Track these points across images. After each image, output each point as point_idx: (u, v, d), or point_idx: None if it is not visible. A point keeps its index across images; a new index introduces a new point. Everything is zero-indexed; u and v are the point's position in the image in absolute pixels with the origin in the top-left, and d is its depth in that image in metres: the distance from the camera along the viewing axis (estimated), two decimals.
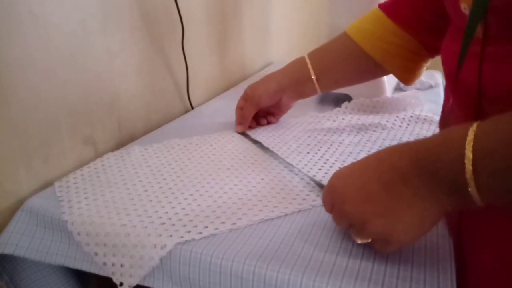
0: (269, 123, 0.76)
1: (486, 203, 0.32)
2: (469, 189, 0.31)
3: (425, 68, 0.64)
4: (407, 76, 0.63)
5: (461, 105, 0.42)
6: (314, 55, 0.68)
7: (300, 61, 0.69)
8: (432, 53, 0.61)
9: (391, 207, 0.36)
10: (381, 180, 0.37)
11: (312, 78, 0.67)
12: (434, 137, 0.36)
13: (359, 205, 0.38)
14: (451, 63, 0.44)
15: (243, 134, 0.72)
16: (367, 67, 0.65)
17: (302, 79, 0.68)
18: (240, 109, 0.73)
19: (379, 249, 0.39)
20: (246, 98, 0.72)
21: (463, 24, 0.40)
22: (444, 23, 0.50)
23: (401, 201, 0.36)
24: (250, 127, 0.74)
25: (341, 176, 0.41)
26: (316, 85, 0.68)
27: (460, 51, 0.39)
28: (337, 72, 0.67)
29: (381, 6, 0.62)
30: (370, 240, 0.39)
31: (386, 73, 0.66)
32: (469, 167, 0.31)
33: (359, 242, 0.40)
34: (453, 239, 0.43)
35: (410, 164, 0.35)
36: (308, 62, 0.67)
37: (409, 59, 0.61)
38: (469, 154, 0.31)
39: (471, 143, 0.31)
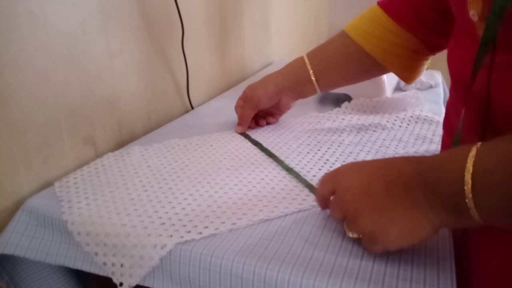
0: (268, 123, 0.76)
1: (485, 222, 0.32)
2: (467, 203, 0.32)
3: (426, 66, 0.64)
4: (408, 74, 0.63)
5: (469, 112, 0.42)
6: (313, 55, 0.68)
7: (299, 62, 0.68)
8: (433, 51, 0.61)
9: (387, 207, 0.37)
10: (385, 181, 0.38)
11: (311, 79, 0.67)
12: (442, 153, 0.37)
13: (358, 196, 0.38)
14: (459, 70, 0.44)
15: (243, 134, 0.72)
16: (367, 67, 0.64)
17: (302, 80, 0.68)
18: (239, 108, 0.73)
19: (365, 246, 0.40)
20: (245, 99, 0.72)
21: (471, 29, 0.40)
22: (445, 20, 0.50)
23: (398, 204, 0.37)
24: (250, 128, 0.74)
25: (349, 167, 0.42)
26: (316, 86, 0.67)
27: (475, 63, 0.38)
28: (337, 72, 0.67)
29: (380, 4, 0.62)
30: (360, 236, 0.39)
31: (386, 71, 0.65)
32: (468, 180, 0.31)
33: (350, 236, 0.40)
34: (460, 240, 0.43)
35: (415, 173, 0.36)
36: (307, 62, 0.67)
37: (410, 57, 0.61)
38: (469, 168, 0.32)
39: (473, 159, 0.32)
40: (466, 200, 0.32)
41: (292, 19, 1.53)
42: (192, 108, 0.88)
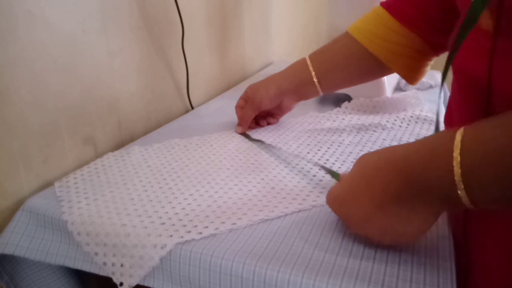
0: (268, 123, 0.76)
1: (483, 207, 0.33)
2: (462, 200, 0.32)
3: (429, 66, 0.63)
4: (412, 75, 0.63)
5: (468, 101, 0.42)
6: (315, 56, 0.67)
7: (301, 63, 0.68)
8: (437, 51, 0.60)
9: (391, 227, 0.38)
10: (374, 202, 0.38)
11: (314, 81, 0.66)
12: (421, 147, 0.36)
13: (362, 229, 0.40)
14: (461, 59, 0.43)
15: (243, 134, 0.72)
16: (371, 68, 0.64)
17: (304, 81, 0.67)
18: (239, 108, 0.73)
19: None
20: (247, 99, 0.72)
21: None
22: (449, 19, 0.50)
23: (399, 219, 0.37)
24: (250, 128, 0.74)
25: (335, 199, 0.42)
26: (318, 87, 0.67)
27: (455, 41, 0.39)
28: (339, 73, 0.67)
29: (383, 4, 0.62)
30: None
31: (389, 72, 0.65)
32: (460, 184, 0.32)
33: None
34: (460, 240, 0.43)
35: (402, 185, 0.36)
36: (310, 64, 0.66)
37: (414, 57, 0.61)
38: (457, 169, 0.32)
39: (458, 158, 0.32)
40: (462, 199, 0.32)
41: (292, 19, 1.53)
42: (192, 108, 0.88)
